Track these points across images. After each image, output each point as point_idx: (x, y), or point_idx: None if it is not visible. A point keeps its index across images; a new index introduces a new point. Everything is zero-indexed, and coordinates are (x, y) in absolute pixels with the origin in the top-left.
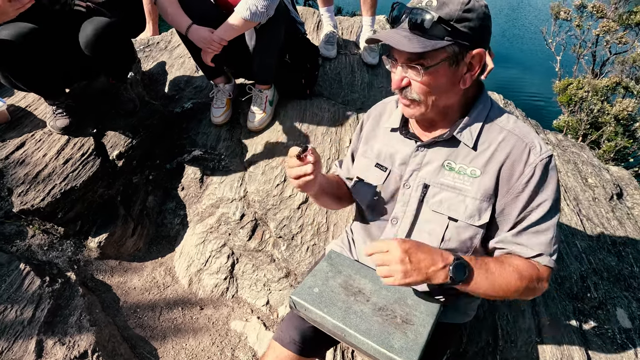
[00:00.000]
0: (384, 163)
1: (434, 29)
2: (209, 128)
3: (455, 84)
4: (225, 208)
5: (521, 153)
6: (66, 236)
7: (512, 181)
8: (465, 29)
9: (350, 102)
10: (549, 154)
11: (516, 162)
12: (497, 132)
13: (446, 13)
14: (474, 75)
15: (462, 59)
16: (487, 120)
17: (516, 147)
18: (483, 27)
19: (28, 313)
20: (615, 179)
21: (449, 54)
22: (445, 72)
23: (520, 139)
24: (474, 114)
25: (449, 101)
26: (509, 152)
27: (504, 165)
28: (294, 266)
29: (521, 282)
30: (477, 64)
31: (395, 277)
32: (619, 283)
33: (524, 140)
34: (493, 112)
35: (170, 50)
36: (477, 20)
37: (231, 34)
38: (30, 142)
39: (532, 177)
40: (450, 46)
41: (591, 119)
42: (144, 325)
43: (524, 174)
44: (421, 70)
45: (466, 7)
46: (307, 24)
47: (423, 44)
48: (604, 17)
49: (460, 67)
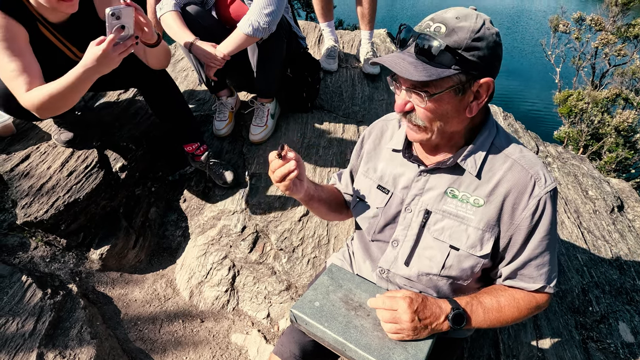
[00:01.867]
0: (386, 185)
1: (440, 57)
2: (212, 140)
3: (461, 112)
4: (226, 220)
5: (526, 185)
6: (68, 248)
7: (517, 213)
8: (474, 58)
9: (351, 115)
10: (553, 186)
11: (521, 193)
12: (502, 161)
13: (454, 41)
14: (480, 103)
15: (469, 87)
16: (492, 148)
17: (521, 178)
18: (493, 55)
19: (29, 325)
20: (615, 192)
21: (455, 83)
22: (450, 100)
23: (525, 170)
24: (479, 141)
25: (454, 128)
26: (513, 183)
27: (508, 197)
28: (295, 279)
29: (519, 314)
30: (484, 92)
31: (404, 335)
32: (620, 297)
33: (529, 171)
34: (498, 139)
35: (174, 63)
36: (486, 49)
37: (234, 49)
38: (34, 155)
39: (536, 209)
40: (456, 75)
41: (592, 130)
42: (145, 338)
43: (528, 206)
44: (425, 98)
45: (476, 35)
46: (308, 39)
47: (429, 72)
48: (603, 30)
49: (466, 95)
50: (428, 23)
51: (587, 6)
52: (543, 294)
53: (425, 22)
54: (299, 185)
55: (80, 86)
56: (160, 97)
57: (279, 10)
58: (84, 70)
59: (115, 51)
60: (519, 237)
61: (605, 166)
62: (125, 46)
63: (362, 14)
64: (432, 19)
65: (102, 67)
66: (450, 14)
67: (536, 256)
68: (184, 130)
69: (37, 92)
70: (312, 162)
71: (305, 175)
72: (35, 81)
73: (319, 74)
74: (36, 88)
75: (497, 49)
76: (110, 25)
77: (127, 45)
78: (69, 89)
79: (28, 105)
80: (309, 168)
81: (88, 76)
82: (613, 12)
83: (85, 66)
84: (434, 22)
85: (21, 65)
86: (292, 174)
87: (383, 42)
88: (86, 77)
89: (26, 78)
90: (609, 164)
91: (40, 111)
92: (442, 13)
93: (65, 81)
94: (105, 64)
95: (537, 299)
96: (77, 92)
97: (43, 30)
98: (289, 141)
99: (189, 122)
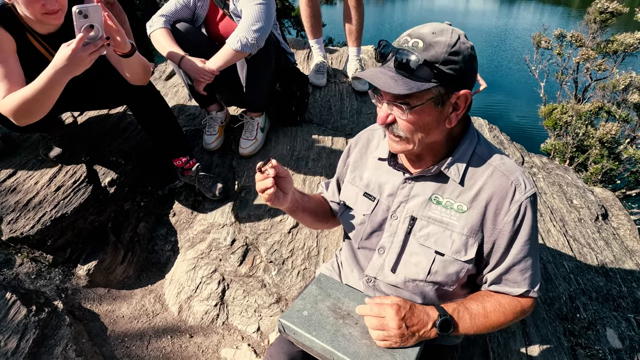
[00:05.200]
0: (372, 193)
1: (419, 71)
2: (202, 154)
3: (441, 123)
4: (216, 233)
5: (507, 190)
6: (55, 264)
7: (499, 219)
8: (451, 71)
9: (340, 128)
10: (533, 191)
11: (502, 199)
12: (483, 169)
13: (432, 55)
14: (459, 114)
15: (448, 99)
16: (474, 156)
17: (502, 184)
18: (468, 68)
19: (12, 344)
20: (599, 200)
21: (435, 95)
22: (430, 111)
23: (505, 176)
24: (460, 149)
25: (435, 138)
26: (495, 189)
27: (490, 202)
28: (285, 291)
29: (505, 318)
30: (462, 103)
31: (392, 342)
32: (607, 303)
33: (510, 177)
34: (480, 147)
35: (164, 80)
36: (462, 62)
37: (223, 64)
38: (22, 171)
39: (517, 214)
40: (435, 87)
41: (577, 142)
42: (132, 355)
43: (510, 211)
44: (406, 110)
45: (452, 49)
46: (297, 55)
47: (408, 86)
48: (583, 46)
49: (445, 107)
50: (406, 38)
51: (569, 23)
52: (527, 298)
53: (404, 38)
54: (281, 198)
55: (53, 89)
56: (149, 113)
57: (267, 27)
58: (54, 71)
59: (85, 51)
60: (502, 242)
61: (591, 177)
62: (96, 46)
63: (349, 30)
64: (409, 34)
65: (72, 67)
66: (426, 29)
67: (519, 261)
68: (172, 145)
69: (12, 97)
70: (302, 174)
71: (293, 187)
72: (14, 88)
73: (308, 88)
74: (12, 93)
75: (472, 61)
76: (78, 24)
77: (97, 46)
78: (42, 91)
79: (5, 111)
80: (298, 180)
81: (59, 77)
82: (592, 29)
83: (55, 67)
84: (411, 38)
85: (2, 72)
86: (268, 190)
87: (371, 59)
88: (57, 78)
89: (6, 85)
90: (595, 175)
91: (16, 116)
92: (419, 29)
93: (37, 84)
94: (75, 64)
95: (522, 303)
96: (50, 96)
97: (32, 40)
98: (278, 154)
99: (178, 136)
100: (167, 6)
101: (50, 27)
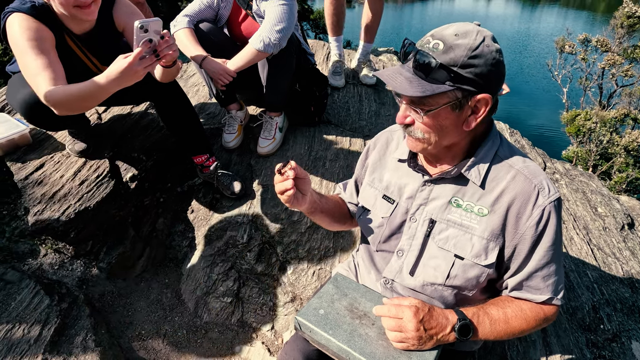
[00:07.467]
0: (391, 195)
1: (435, 73)
2: (221, 152)
3: (459, 126)
4: (233, 231)
5: (530, 194)
6: (77, 256)
7: (521, 223)
8: (470, 75)
9: (358, 130)
10: (557, 196)
11: (524, 203)
12: (505, 171)
13: (451, 58)
14: (478, 118)
15: (466, 103)
16: (496, 158)
17: (525, 187)
18: (492, 72)
19: (35, 332)
20: (625, 209)
21: (451, 99)
22: (447, 115)
23: (529, 180)
24: (482, 152)
25: (452, 141)
26: (517, 192)
27: (512, 206)
28: (300, 290)
29: (527, 325)
30: (482, 107)
31: (409, 344)
32: (633, 315)
33: (533, 181)
34: (502, 149)
35: (186, 79)
36: (484, 66)
37: (244, 64)
38: (48, 164)
39: (540, 219)
40: (452, 91)
41: (601, 149)
42: (148, 348)
43: (532, 216)
44: (421, 113)
45: (473, 53)
46: (317, 56)
47: (423, 88)
48: (609, 51)
49: (464, 110)
50: (428, 39)
51: (593, 28)
52: (551, 305)
53: (426, 38)
54: (300, 199)
55: (100, 94)
56: (172, 109)
57: (289, 27)
58: (107, 81)
59: (141, 65)
60: (523, 247)
61: (615, 186)
62: (152, 60)
63: (364, 25)
64: (432, 35)
65: (125, 79)
66: (450, 30)
67: (542, 267)
68: (193, 142)
69: (59, 89)
70: (319, 175)
71: (311, 189)
72: (58, 79)
73: (327, 89)
74: (60, 86)
75: (497, 65)
76: (138, 38)
77: (153, 60)
78: (89, 94)
79: (48, 99)
80: (315, 180)
81: (110, 87)
82: (619, 34)
83: (108, 77)
84: (433, 39)
85: (47, 62)
86: (288, 192)
87: (390, 61)
88: (108, 87)
89: (50, 74)
90: (619, 184)
91: (57, 107)
92: (443, 29)
93: (86, 86)
94: (129, 76)
95: (545, 310)
96: (95, 99)
97: (68, 40)
98: (296, 154)
99: (199, 134)
100: (191, 6)
101: (85, 26)
